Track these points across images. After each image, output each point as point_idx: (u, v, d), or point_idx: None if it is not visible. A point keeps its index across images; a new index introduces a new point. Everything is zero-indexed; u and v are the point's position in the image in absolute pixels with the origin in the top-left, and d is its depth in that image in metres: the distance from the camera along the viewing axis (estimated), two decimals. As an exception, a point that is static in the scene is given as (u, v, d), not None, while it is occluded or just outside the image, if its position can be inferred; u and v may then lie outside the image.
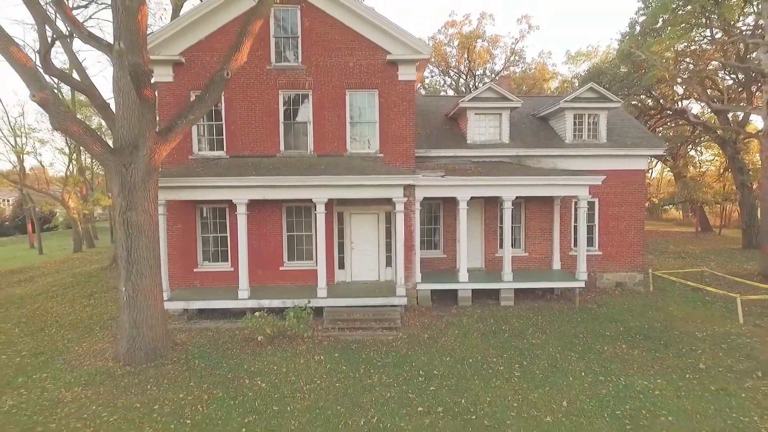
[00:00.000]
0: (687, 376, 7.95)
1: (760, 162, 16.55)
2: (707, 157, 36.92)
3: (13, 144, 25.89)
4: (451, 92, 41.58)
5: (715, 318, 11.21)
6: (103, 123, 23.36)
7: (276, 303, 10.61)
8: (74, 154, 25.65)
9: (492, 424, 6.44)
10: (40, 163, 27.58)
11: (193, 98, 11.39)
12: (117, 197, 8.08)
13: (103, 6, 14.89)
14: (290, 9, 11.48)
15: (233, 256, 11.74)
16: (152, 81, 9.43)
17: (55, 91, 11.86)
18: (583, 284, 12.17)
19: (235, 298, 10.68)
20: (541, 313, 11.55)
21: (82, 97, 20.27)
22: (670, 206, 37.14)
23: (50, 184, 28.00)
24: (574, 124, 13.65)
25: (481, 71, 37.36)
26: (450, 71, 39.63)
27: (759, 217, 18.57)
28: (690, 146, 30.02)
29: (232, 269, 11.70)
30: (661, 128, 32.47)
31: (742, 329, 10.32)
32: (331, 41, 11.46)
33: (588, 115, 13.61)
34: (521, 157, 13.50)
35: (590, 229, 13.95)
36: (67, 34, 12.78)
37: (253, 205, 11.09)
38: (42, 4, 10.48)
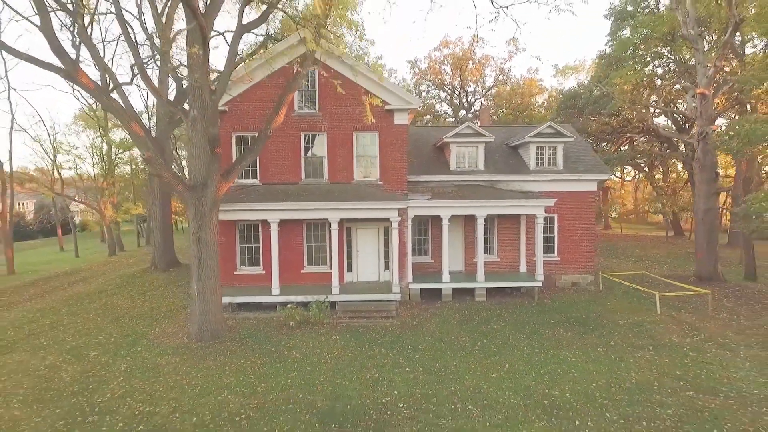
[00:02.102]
0: (599, 349, 11.15)
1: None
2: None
3: (53, 159, 29.09)
4: (445, 105, 44.81)
5: (641, 310, 14.38)
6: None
7: (300, 298, 13.80)
8: (107, 169, 28.82)
9: (455, 378, 9.63)
10: (79, 176, 30.71)
11: (233, 138, 14.67)
12: (192, 221, 11.28)
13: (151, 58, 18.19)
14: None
15: (265, 261, 14.94)
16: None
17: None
18: (540, 284, 15.37)
19: (269, 295, 13.90)
20: (506, 306, 14.75)
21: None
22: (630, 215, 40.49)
23: (86, 193, 31.11)
24: (537, 154, 16.84)
25: (473, 88, 40.55)
26: (444, 87, 42.87)
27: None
28: (657, 160, 33.08)
29: (264, 272, 14.90)
30: (637, 140, 35.66)
31: (656, 318, 13.51)
32: (342, 94, 14.60)
33: (548, 147, 16.80)
34: (494, 181, 16.68)
35: (551, 239, 17.16)
36: (128, 82, 16.05)
37: (281, 222, 14.22)
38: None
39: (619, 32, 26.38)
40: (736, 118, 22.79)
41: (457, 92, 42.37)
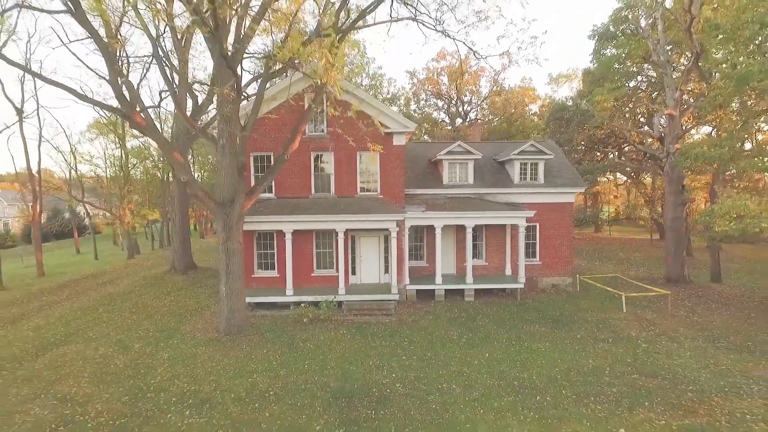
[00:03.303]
0: (566, 341, 13.14)
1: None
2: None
3: (74, 167, 31.12)
4: (443, 114, 46.81)
5: (609, 309, 16.37)
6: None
7: (311, 298, 15.79)
8: (125, 178, 30.83)
9: (443, 364, 11.63)
10: (101, 186, 32.74)
11: (251, 158, 16.65)
12: (221, 233, 13.28)
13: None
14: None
15: (279, 266, 16.93)
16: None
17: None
18: (522, 285, 17.37)
19: (284, 295, 15.91)
20: (491, 305, 16.75)
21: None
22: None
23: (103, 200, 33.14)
24: (520, 169, 18.84)
25: (469, 97, 42.56)
26: (442, 96, 44.91)
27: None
28: (642, 170, 34.99)
29: (278, 275, 16.90)
30: (626, 148, 37.60)
31: (620, 316, 15.51)
32: (347, 119, 16.59)
33: (530, 163, 18.80)
34: (482, 194, 18.67)
35: (533, 245, 19.16)
36: (156, 105, 18.03)
37: (294, 231, 16.17)
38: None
39: (603, 50, 28.34)
40: (709, 136, 24.76)
41: (453, 101, 44.39)
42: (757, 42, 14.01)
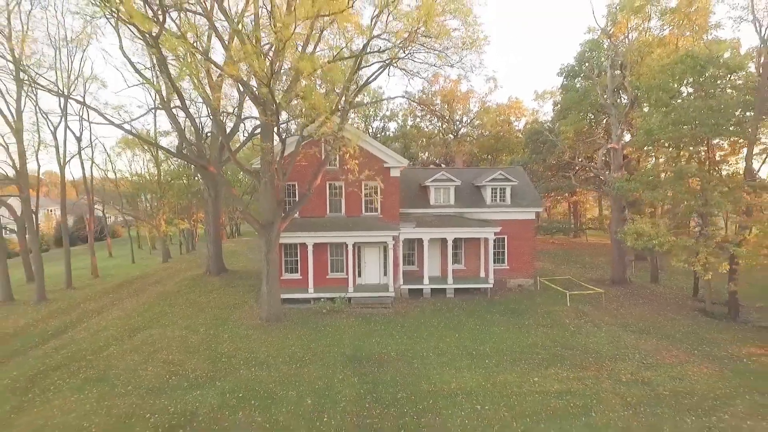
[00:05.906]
0: (516, 326, 17.91)
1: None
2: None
3: (115, 183, 35.89)
4: (437, 130, 51.66)
5: (557, 304, 21.13)
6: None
7: (327, 295, 20.57)
8: (161, 192, 35.60)
9: (424, 341, 16.39)
10: (138, 198, 37.54)
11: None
12: (263, 247, 18.04)
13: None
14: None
15: (302, 270, 21.71)
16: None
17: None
18: (491, 285, 22.16)
19: (306, 293, 20.70)
20: (467, 301, 21.52)
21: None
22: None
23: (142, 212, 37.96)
24: (491, 193, 23.64)
25: (459, 117, 47.38)
26: (436, 114, 49.77)
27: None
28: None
29: (301, 277, 21.68)
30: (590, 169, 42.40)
31: (564, 309, 20.28)
32: (354, 156, 21.34)
33: (499, 188, 23.60)
34: (462, 212, 23.46)
35: (503, 253, 23.95)
36: (202, 140, 22.74)
37: (314, 244, 20.94)
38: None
39: (570, 85, 33.18)
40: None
41: (446, 118, 49.23)
42: (662, 103, 18.79)
